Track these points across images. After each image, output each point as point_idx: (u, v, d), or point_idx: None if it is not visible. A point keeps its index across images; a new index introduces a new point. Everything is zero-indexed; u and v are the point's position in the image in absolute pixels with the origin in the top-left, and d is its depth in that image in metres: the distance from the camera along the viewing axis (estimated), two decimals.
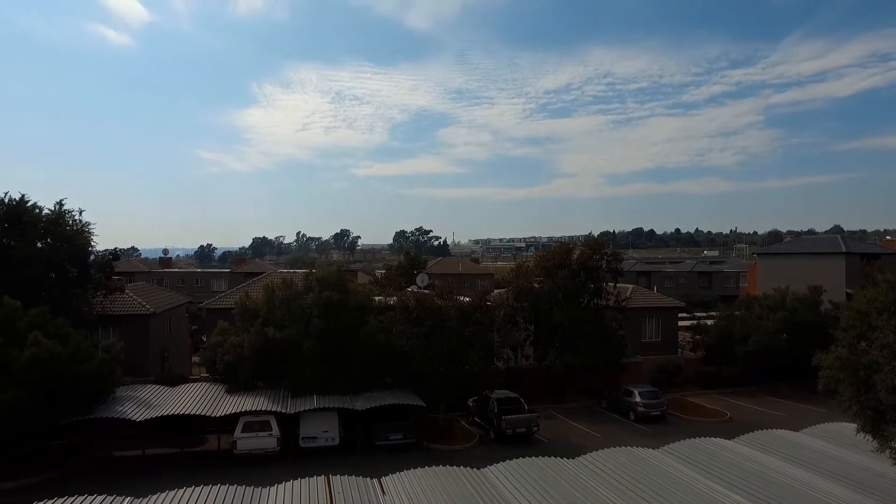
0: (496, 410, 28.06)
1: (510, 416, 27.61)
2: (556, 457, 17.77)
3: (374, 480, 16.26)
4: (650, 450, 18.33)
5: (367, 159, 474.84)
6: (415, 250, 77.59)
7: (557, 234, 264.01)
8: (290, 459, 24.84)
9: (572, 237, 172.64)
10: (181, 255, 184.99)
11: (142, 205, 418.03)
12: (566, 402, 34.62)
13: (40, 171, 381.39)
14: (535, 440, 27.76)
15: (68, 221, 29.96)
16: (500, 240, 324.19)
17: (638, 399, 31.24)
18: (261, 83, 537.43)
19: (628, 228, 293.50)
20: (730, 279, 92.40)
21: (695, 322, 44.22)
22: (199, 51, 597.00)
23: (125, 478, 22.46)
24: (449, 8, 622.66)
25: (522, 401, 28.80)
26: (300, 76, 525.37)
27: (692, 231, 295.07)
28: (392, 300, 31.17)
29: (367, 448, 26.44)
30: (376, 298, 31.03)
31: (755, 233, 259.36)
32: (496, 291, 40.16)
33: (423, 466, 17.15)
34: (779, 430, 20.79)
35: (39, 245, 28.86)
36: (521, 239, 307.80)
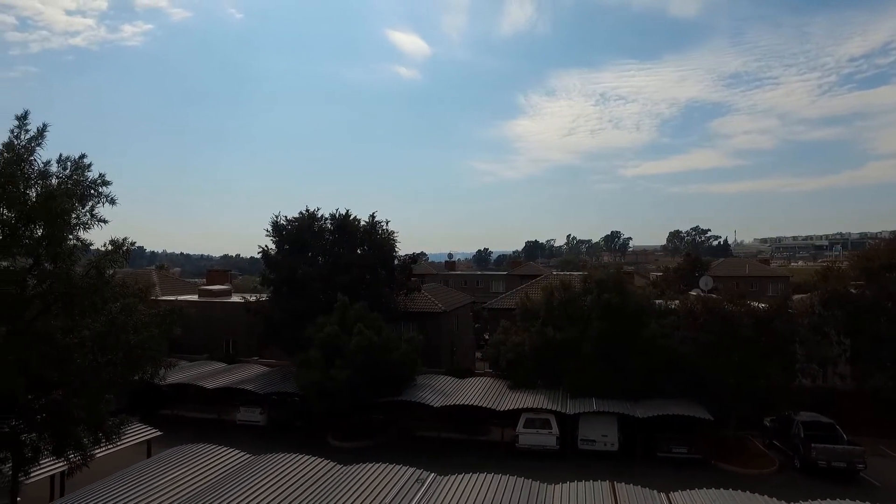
0: (802, 436, 24.33)
1: (823, 445, 23.57)
2: None
3: (662, 494, 15.53)
4: None
5: (635, 158, 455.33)
6: (693, 251, 71.82)
7: (874, 228, 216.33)
8: (569, 459, 25.22)
9: None
10: (461, 259, 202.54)
11: (428, 213, 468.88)
12: None
13: (352, 188, 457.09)
14: (861, 480, 23.16)
15: (378, 231, 35.19)
16: (794, 237, 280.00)
17: None
18: (527, 94, 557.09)
19: None
20: None
21: None
22: (472, 73, 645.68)
23: (425, 455, 25.06)
24: None
25: (839, 429, 24.44)
26: (563, 83, 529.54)
27: None
28: (673, 304, 29.39)
29: (648, 458, 25.38)
30: (656, 302, 29.63)
31: None
32: (797, 297, 34.85)
33: (713, 487, 15.84)
34: None
35: (358, 251, 34.54)
36: (821, 236, 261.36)
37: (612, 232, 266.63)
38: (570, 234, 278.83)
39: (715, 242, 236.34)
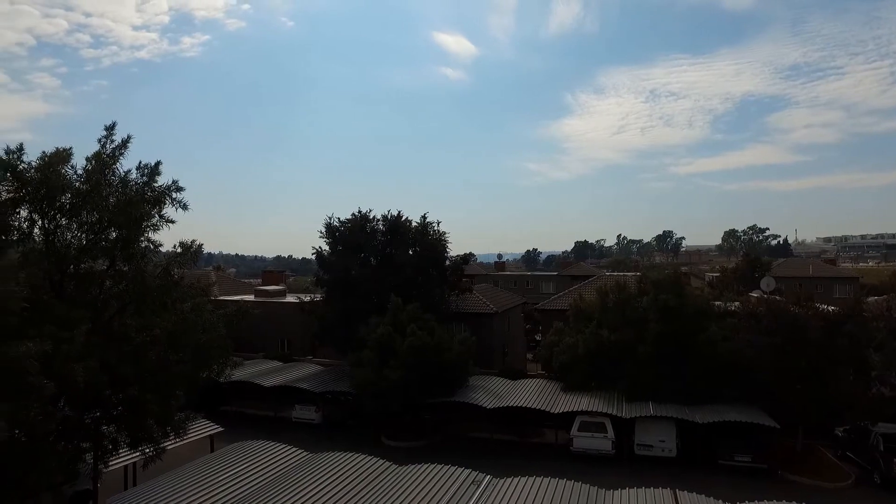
0: (882, 448, 22.98)
1: None
2: None
3: None
4: None
5: (688, 156, 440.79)
6: (751, 251, 69.16)
7: None
8: (625, 464, 24.68)
9: None
10: (510, 259, 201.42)
11: (476, 214, 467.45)
12: None
13: (402, 189, 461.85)
14: None
15: (430, 232, 35.31)
16: (863, 236, 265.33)
17: None
18: (575, 93, 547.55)
19: None
20: None
21: None
22: (519, 73, 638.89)
23: (479, 456, 24.93)
24: None
25: None
26: (612, 81, 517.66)
27: None
28: (733, 306, 28.36)
29: (708, 466, 24.54)
30: (716, 303, 28.67)
31: None
32: (871, 299, 33.05)
33: (783, 500, 15.10)
34: None
35: (410, 252, 34.76)
36: (894, 234, 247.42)
37: (663, 231, 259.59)
38: (620, 234, 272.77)
39: (774, 242, 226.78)
